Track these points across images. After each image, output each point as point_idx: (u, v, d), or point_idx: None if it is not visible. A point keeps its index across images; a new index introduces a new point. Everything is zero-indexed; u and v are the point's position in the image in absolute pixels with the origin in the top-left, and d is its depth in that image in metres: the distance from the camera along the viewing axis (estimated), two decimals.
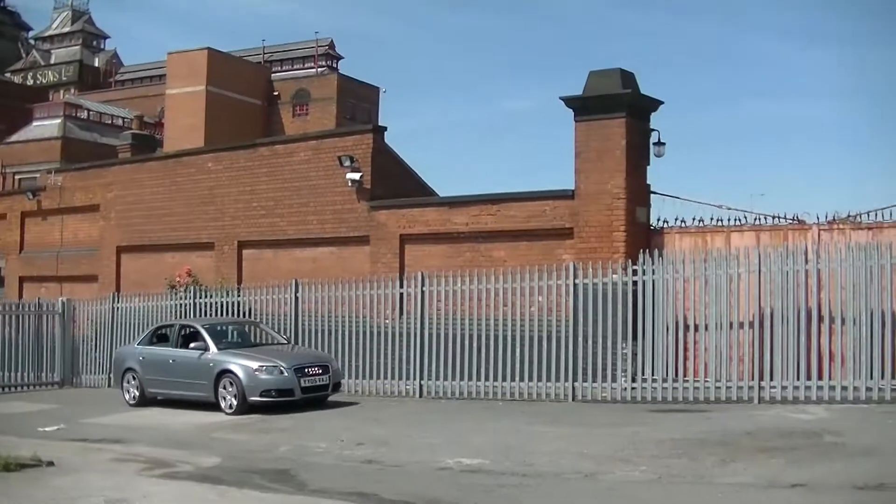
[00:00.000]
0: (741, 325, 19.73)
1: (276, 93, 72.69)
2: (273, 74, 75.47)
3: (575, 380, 20.83)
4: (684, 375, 19.94)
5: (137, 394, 23.20)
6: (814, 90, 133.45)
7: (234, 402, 20.76)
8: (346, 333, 23.79)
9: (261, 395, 20.60)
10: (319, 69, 78.81)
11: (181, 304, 27.16)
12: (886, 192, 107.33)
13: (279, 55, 79.79)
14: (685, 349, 20.24)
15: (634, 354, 20.51)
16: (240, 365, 20.90)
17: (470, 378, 22.09)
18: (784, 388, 18.81)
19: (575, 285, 21.03)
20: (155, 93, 73.30)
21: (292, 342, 24.43)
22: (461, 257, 25.17)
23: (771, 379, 18.96)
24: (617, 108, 22.74)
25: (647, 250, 20.89)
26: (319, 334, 24.40)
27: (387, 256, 26.83)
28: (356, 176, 27.38)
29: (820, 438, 14.50)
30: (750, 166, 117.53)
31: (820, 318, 19.28)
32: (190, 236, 32.11)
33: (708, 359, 19.85)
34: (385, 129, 29.22)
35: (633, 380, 20.60)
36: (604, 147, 22.83)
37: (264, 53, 78.40)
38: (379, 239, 27.09)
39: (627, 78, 22.99)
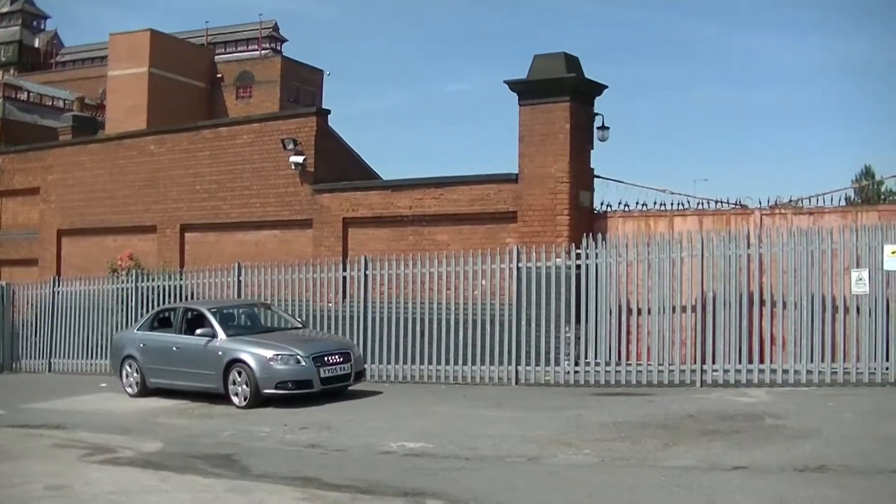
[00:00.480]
0: (684, 309, 19.85)
1: (219, 75, 72.18)
2: (216, 56, 74.92)
3: (518, 363, 20.88)
4: (627, 359, 20.03)
5: (138, 384, 21.48)
6: (757, 77, 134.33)
7: (247, 394, 19.09)
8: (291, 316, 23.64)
9: (276, 388, 18.93)
10: (263, 51, 78.37)
11: (123, 289, 26.87)
12: (827, 178, 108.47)
13: (223, 37, 79.27)
14: (628, 333, 20.33)
15: (577, 338, 20.57)
16: (252, 354, 19.24)
17: (413, 362, 22.08)
18: (726, 371, 18.95)
19: (518, 269, 21.07)
20: (96, 74, 72.56)
21: (308, 326, 22.72)
22: (405, 241, 25.10)
23: (713, 362, 19.09)
24: (561, 91, 22.70)
25: (591, 234, 20.94)
26: None
27: (330, 240, 26.69)
28: (299, 159, 27.20)
29: (761, 421, 14.60)
30: (693, 152, 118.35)
31: (761, 302, 19.44)
32: (132, 219, 31.74)
33: (651, 342, 19.95)
34: (329, 111, 29.05)
35: (576, 363, 20.65)
36: (548, 131, 22.80)
37: (207, 35, 77.79)
38: (322, 222, 26.95)
39: (572, 62, 22.97)
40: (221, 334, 20.08)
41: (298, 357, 19.09)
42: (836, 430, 13.62)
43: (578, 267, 20.63)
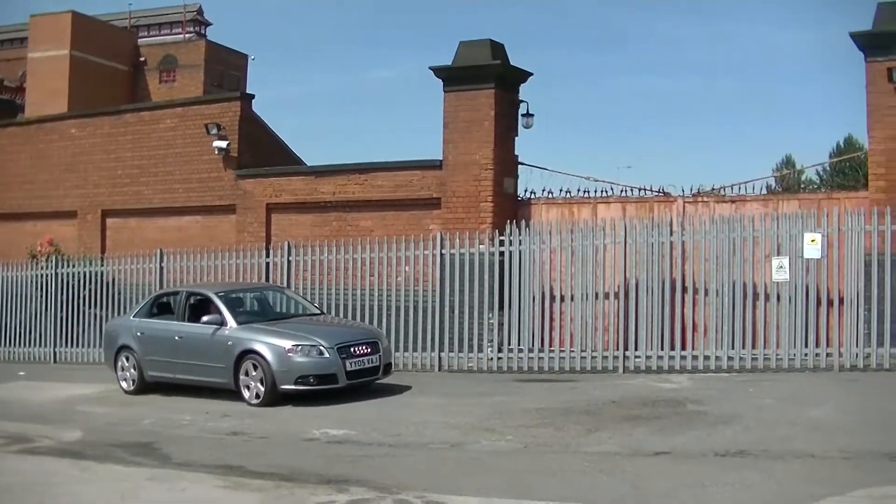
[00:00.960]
0: (607, 296, 19.94)
1: (142, 58, 71.34)
2: (140, 39, 74.11)
3: (441, 350, 20.88)
4: (550, 346, 20.10)
5: (135, 379, 19.40)
6: (681, 65, 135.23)
7: (261, 391, 17.03)
8: None
9: (296, 383, 16.86)
10: (187, 35, 77.78)
11: (42, 275, 26.51)
12: (749, 167, 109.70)
13: (146, 20, 78.61)
14: (551, 319, 20.40)
15: (501, 325, 20.61)
16: (267, 344, 17.19)
17: None
18: (648, 357, 19.09)
19: (442, 255, 21.07)
20: (16, 56, 71.37)
21: (326, 312, 21.24)
22: (328, 227, 25.01)
23: (636, 349, 19.23)
24: (486, 78, 22.71)
25: (515, 221, 20.98)
26: None
27: (253, 225, 26.53)
28: (223, 144, 26.99)
29: (683, 407, 14.71)
30: (617, 139, 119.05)
31: (684, 289, 19.59)
32: (52, 204, 31.28)
33: (574, 329, 20.02)
34: (253, 96, 28.87)
35: (500, 350, 20.67)
36: (472, 117, 22.81)
37: (131, 18, 77.08)
38: (245, 208, 26.78)
39: (497, 49, 22.98)
40: (231, 322, 18.04)
41: (321, 348, 17.05)
42: (755, 415, 13.75)
43: (502, 254, 20.66)
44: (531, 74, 23.61)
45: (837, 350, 17.84)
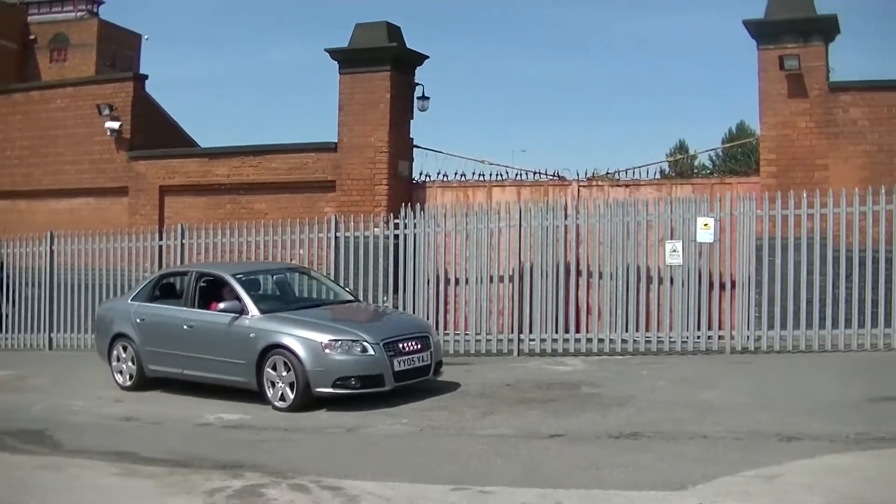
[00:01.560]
0: (501, 279, 20.00)
1: (32, 36, 69.80)
2: (29, 17, 72.59)
3: None
4: (445, 329, 20.09)
5: (133, 372, 16.97)
6: (575, 48, 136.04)
7: (290, 394, 14.50)
8: (104, 287, 23.04)
9: (335, 386, 14.31)
10: (79, 13, 76.38)
11: None
12: (643, 151, 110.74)
13: None
14: (446, 303, 20.41)
15: (395, 308, 20.57)
16: (299, 338, 14.64)
17: None
18: (543, 340, 19.17)
19: (336, 238, 20.95)
20: None
21: (361, 298, 19.34)
22: (222, 209, 24.75)
23: (530, 332, 19.29)
24: (382, 61, 22.64)
25: (410, 204, 20.93)
26: (76, 288, 23.58)
27: (146, 208, 26.15)
28: (115, 125, 26.55)
29: (577, 390, 14.81)
30: (513, 123, 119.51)
31: (578, 273, 19.73)
32: None
33: (468, 312, 20.05)
34: (146, 77, 28.43)
35: None
36: (368, 100, 22.73)
37: None
38: (138, 190, 26.38)
39: (393, 31, 22.91)
40: (253, 310, 15.46)
41: (365, 343, 14.53)
42: (649, 397, 13.89)
43: (397, 237, 20.62)
44: (427, 57, 23.59)
45: (729, 333, 18.07)
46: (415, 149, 23.49)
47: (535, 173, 22.87)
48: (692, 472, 9.46)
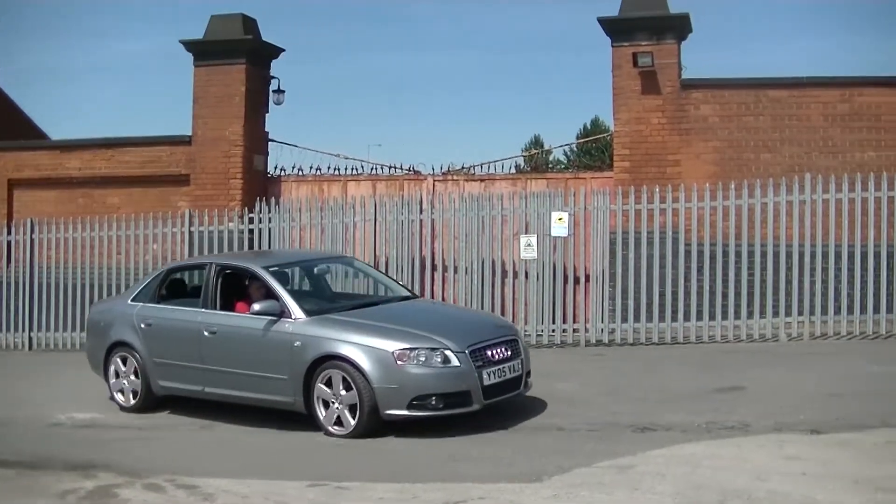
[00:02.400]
0: None
1: None
2: None
3: None
4: None
5: (138, 390, 14.15)
6: (431, 42, 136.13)
7: (350, 418, 11.77)
8: None
9: (411, 407, 11.52)
10: None
11: None
12: (499, 146, 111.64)
13: None
14: None
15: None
16: (363, 347, 11.81)
17: (82, 328, 21.41)
18: None
19: (191, 233, 20.75)
20: None
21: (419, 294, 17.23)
22: (74, 204, 24.23)
23: None
24: (238, 53, 22.44)
25: (265, 198, 20.84)
26: None
27: None
28: None
29: None
30: (369, 117, 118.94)
31: (433, 267, 19.78)
32: None
33: None
34: None
35: None
36: (223, 93, 22.51)
37: None
38: None
39: (249, 24, 22.72)
40: (296, 311, 12.59)
41: (447, 352, 11.66)
42: None
43: (252, 231, 20.50)
44: (283, 50, 23.48)
45: (584, 326, 18.33)
46: (270, 143, 23.35)
47: (390, 168, 22.91)
48: (548, 464, 9.54)
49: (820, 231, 17.27)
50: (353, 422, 11.71)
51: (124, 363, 14.29)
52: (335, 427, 11.86)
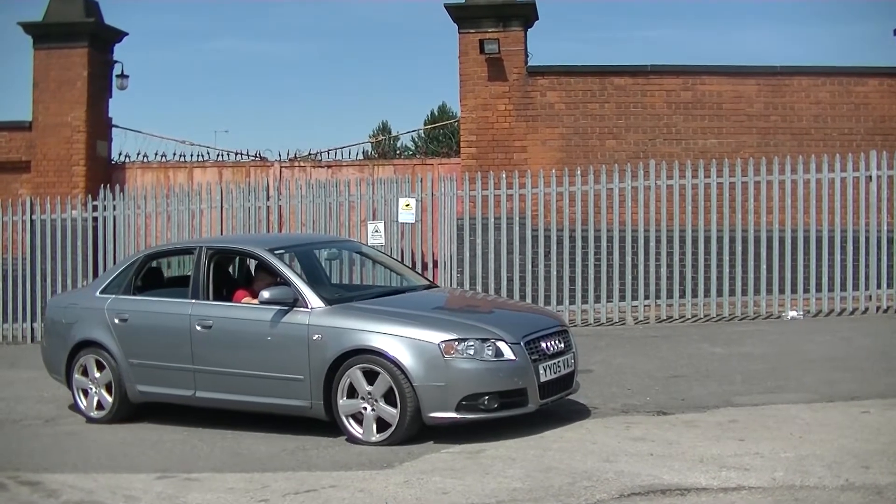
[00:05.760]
0: None
1: None
2: None
3: (34, 320, 20.12)
4: None
5: (111, 398, 12.07)
6: (278, 30, 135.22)
7: (388, 424, 9.96)
8: None
9: (460, 409, 9.77)
10: None
11: None
12: (347, 133, 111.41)
13: None
14: None
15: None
16: (401, 338, 10.00)
17: None
18: None
19: (32, 221, 20.31)
20: None
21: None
22: None
23: None
24: (79, 37, 21.95)
25: (109, 186, 20.49)
26: None
27: None
28: None
29: None
30: (215, 103, 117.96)
31: None
32: None
33: None
34: None
35: None
36: (64, 77, 22.01)
37: None
38: None
39: (91, 6, 22.25)
40: (313, 299, 10.71)
41: (500, 343, 9.94)
42: None
43: (96, 219, 20.15)
44: (126, 34, 23.07)
45: None
46: (114, 128, 22.94)
47: (237, 154, 22.72)
48: (399, 450, 9.55)
49: (664, 216, 17.66)
50: (389, 428, 9.94)
51: (96, 367, 12.15)
52: (372, 437, 10.07)
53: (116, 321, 11.98)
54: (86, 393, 12.27)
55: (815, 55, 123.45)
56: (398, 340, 9.93)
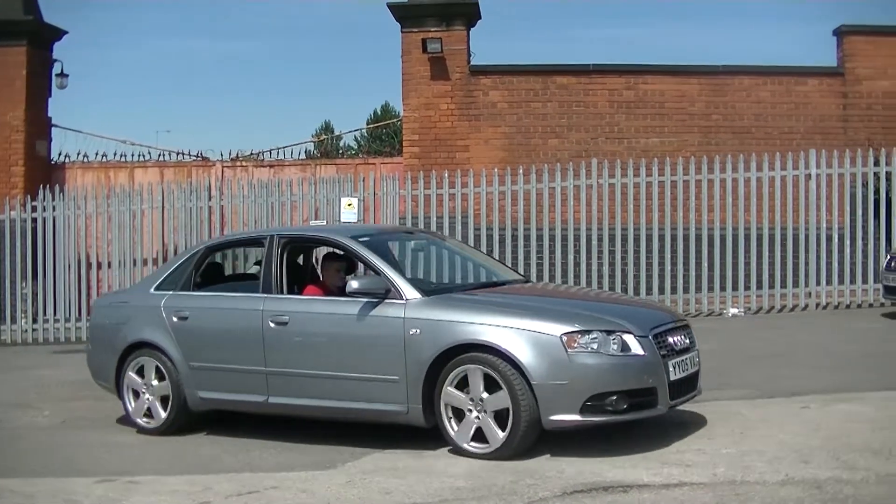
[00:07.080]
0: (145, 262, 19.73)
1: None
2: None
3: None
4: (88, 314, 19.57)
5: (167, 406, 10.71)
6: (222, 29, 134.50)
7: (497, 430, 8.65)
8: None
9: (584, 411, 8.48)
10: None
11: None
12: (289, 133, 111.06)
13: None
14: (88, 287, 19.93)
15: (35, 294, 19.93)
16: (515, 330, 8.68)
17: None
18: None
19: None
20: None
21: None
22: None
23: None
24: (17, 35, 21.76)
25: (48, 186, 20.31)
26: None
27: None
28: None
29: None
30: (157, 103, 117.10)
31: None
32: None
33: None
34: None
35: (35, 321, 20.04)
36: (2, 76, 21.80)
37: None
38: None
39: (29, 4, 22.08)
40: (408, 289, 9.39)
41: (627, 336, 8.69)
42: None
43: (35, 220, 19.98)
44: (66, 32, 22.91)
45: None
46: (54, 128, 22.77)
47: (178, 154, 22.60)
48: (342, 452, 9.50)
49: (607, 215, 17.76)
50: (501, 436, 8.65)
51: (152, 373, 10.83)
52: (473, 444, 8.83)
53: (175, 319, 10.68)
54: (142, 403, 10.94)
55: (761, 55, 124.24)
56: (513, 333, 8.68)
